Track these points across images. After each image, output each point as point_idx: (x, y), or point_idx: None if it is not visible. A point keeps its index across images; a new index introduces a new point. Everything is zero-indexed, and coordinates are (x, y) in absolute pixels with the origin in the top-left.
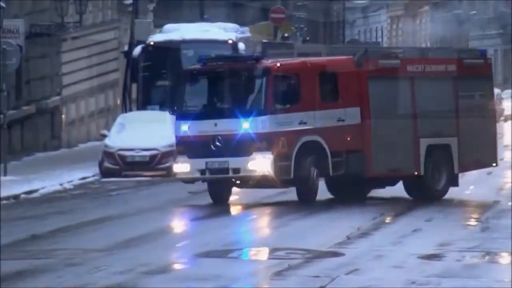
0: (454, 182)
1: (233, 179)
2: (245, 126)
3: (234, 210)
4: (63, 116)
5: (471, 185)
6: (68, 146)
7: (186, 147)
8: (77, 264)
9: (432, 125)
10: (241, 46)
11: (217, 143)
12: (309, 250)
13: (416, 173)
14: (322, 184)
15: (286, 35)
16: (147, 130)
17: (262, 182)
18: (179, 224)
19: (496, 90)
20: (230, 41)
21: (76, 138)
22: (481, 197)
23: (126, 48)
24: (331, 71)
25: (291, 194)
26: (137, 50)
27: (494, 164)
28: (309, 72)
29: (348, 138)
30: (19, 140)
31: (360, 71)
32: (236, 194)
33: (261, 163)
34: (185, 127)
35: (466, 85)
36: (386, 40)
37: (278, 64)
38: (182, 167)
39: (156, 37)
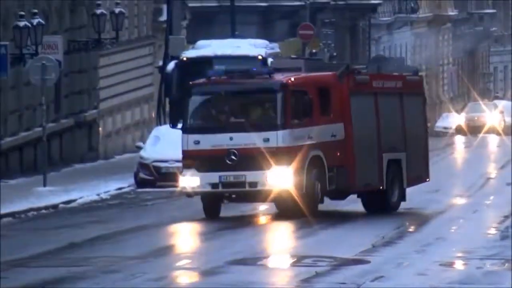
0: (403, 196)
1: (231, 194)
2: (265, 140)
3: (261, 220)
4: (100, 128)
5: (491, 196)
6: (105, 158)
7: (196, 161)
8: (114, 271)
9: (389, 140)
10: (271, 61)
11: (233, 157)
12: (336, 258)
13: (381, 187)
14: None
15: (314, 51)
16: (180, 143)
17: (279, 197)
18: (210, 233)
19: None
20: (260, 57)
21: (112, 150)
22: (501, 207)
23: (160, 63)
24: (325, 87)
25: None
26: (171, 65)
27: (428, 180)
28: (313, 87)
29: (338, 153)
30: (58, 152)
31: (343, 86)
32: (265, 205)
33: (281, 178)
34: (195, 141)
35: (408, 101)
36: (410, 55)
37: (292, 79)
38: (190, 180)
39: (189, 53)
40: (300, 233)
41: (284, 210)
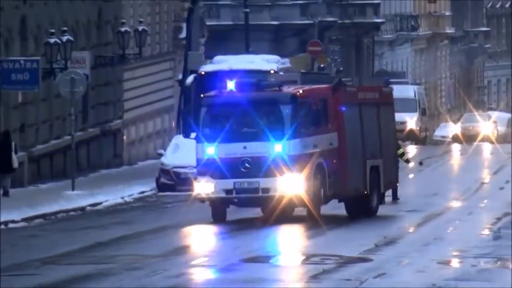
0: (381, 200)
1: (234, 199)
2: (277, 148)
3: (274, 222)
4: (124, 137)
5: (485, 199)
6: (129, 164)
7: (210, 168)
8: (136, 268)
9: (370, 148)
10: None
11: (247, 165)
12: (341, 256)
13: (365, 192)
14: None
15: (322, 65)
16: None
17: (291, 202)
18: (225, 233)
19: (507, 115)
20: (272, 71)
21: (136, 156)
22: (494, 209)
23: (180, 77)
24: (325, 98)
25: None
26: (190, 79)
27: (398, 184)
28: (316, 99)
29: (334, 161)
30: (85, 159)
31: (337, 98)
32: None
33: (293, 184)
34: (210, 150)
35: (383, 111)
36: (411, 70)
37: (301, 91)
38: (205, 187)
39: (207, 67)
40: (308, 234)
41: (287, 213)
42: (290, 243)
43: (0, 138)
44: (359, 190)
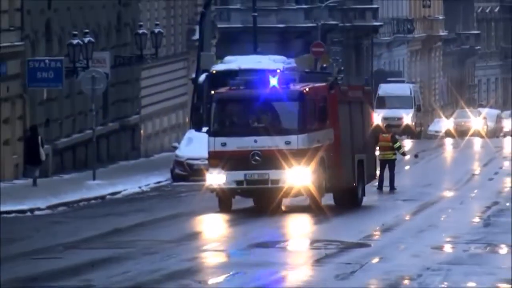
0: (364, 192)
1: (240, 190)
2: (287, 142)
3: (280, 210)
4: (141, 131)
5: (475, 189)
6: (146, 156)
7: (222, 160)
8: (153, 252)
9: (357, 143)
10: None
11: (257, 157)
12: (343, 242)
13: (354, 184)
14: None
15: (324, 65)
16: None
17: (299, 193)
18: (235, 220)
19: (496, 111)
20: (278, 70)
21: (152, 149)
22: (484, 199)
23: (193, 75)
24: (324, 96)
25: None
26: (202, 77)
27: (376, 177)
28: (319, 96)
29: (331, 155)
30: (105, 151)
31: (333, 96)
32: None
33: (301, 176)
34: (222, 143)
35: (365, 108)
36: (407, 70)
37: (307, 89)
38: (217, 178)
39: (218, 67)
40: (312, 221)
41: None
42: (295, 230)
43: (28, 133)
44: (350, 182)
